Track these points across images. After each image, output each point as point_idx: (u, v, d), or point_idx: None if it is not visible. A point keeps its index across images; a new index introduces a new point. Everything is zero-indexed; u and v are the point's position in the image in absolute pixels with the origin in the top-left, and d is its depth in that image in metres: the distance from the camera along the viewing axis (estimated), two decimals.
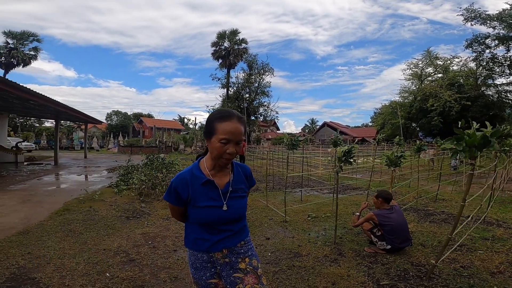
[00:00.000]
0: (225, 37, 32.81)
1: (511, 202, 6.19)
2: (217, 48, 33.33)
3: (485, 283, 2.72)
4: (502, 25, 21.09)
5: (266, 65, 31.17)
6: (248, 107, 31.52)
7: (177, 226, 4.62)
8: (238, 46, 32.72)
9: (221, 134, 1.24)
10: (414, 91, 32.00)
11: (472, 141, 2.01)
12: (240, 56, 32.08)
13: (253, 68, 31.33)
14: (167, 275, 2.97)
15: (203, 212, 1.31)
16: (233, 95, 31.96)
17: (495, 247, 3.62)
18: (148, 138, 41.13)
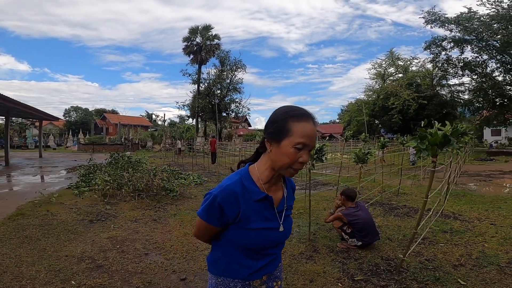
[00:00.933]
0: (198, 32, 32.08)
1: (464, 195, 6.74)
2: (189, 44, 32.50)
3: (449, 276, 2.87)
4: (458, 28, 22.43)
5: (239, 61, 30.98)
6: (219, 104, 31.13)
7: (147, 229, 4.41)
8: (211, 42, 32.17)
9: (298, 137, 0.97)
10: (377, 90, 33.75)
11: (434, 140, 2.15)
12: (212, 52, 31.58)
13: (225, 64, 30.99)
14: (140, 280, 2.82)
15: (255, 235, 1.05)
16: (204, 91, 31.38)
17: (454, 240, 3.85)
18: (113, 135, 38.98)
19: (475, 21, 21.25)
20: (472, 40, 23.00)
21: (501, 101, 24.23)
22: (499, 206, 5.54)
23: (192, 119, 35.34)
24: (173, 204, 5.96)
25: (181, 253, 3.52)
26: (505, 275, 2.84)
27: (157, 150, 27.95)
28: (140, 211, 5.37)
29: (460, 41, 23.55)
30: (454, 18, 22.26)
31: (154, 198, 6.22)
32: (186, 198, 6.61)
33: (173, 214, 5.25)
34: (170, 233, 4.22)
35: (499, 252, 3.41)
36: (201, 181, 9.03)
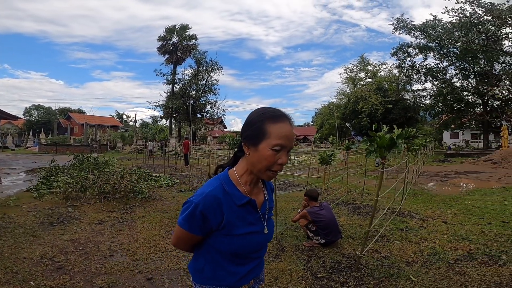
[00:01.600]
0: (174, 32, 31.49)
1: (421, 195, 7.22)
2: (164, 43, 31.79)
3: (403, 272, 3.01)
4: (423, 35, 23.87)
5: (215, 62, 30.81)
6: (194, 105, 30.73)
7: (112, 231, 4.29)
8: (188, 42, 31.71)
9: (275, 139, 0.95)
10: (348, 94, 35.15)
11: (382, 142, 2.35)
12: (189, 52, 31.14)
13: (201, 65, 30.71)
14: (104, 281, 2.77)
15: (240, 241, 1.02)
16: (179, 91, 30.82)
17: (408, 237, 4.04)
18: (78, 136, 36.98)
19: (438, 28, 22.62)
20: (435, 47, 24.66)
21: (459, 106, 26.31)
22: (451, 205, 5.98)
23: (165, 120, 34.53)
24: (141, 206, 5.83)
25: (148, 254, 3.48)
26: (453, 271, 3.00)
27: (128, 151, 26.95)
28: (105, 214, 5.20)
29: (424, 48, 25.11)
30: (420, 25, 23.60)
31: (122, 200, 6.04)
32: (155, 200, 6.48)
33: (141, 216, 5.14)
34: (137, 235, 4.14)
35: (448, 249, 3.60)
36: (173, 183, 8.89)
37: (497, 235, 4.00)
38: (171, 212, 5.44)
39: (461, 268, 3.07)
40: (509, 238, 3.87)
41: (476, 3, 20.36)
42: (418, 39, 24.77)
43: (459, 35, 21.47)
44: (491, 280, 2.76)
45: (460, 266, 3.10)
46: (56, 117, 50.51)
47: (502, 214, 5.13)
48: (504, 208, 5.52)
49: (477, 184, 9.16)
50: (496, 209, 5.46)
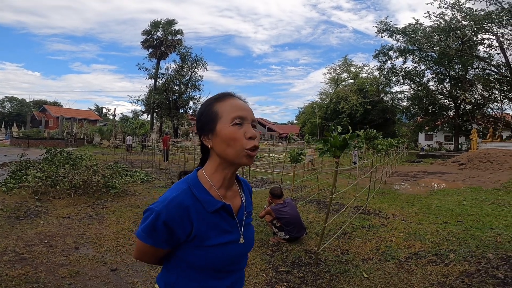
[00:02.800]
0: (160, 26, 30.89)
1: (388, 194, 7.57)
2: (149, 37, 31.14)
3: (357, 268, 3.15)
4: (404, 38, 24.51)
5: (200, 58, 30.54)
6: (177, 100, 30.33)
7: (80, 225, 4.30)
8: (173, 37, 31.20)
9: (230, 113, 0.85)
10: (330, 94, 35.82)
11: (335, 142, 2.54)
12: (174, 47, 30.68)
13: (185, 61, 30.37)
14: (67, 271, 2.83)
15: (215, 253, 0.86)
16: (161, 86, 30.32)
17: (369, 235, 4.20)
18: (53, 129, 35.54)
19: (419, 32, 23.25)
20: (414, 51, 25.48)
21: (433, 109, 27.49)
22: (413, 204, 6.31)
23: (147, 114, 33.91)
24: (113, 201, 5.81)
25: (115, 247, 3.53)
26: (402, 269, 3.14)
27: (106, 146, 26.26)
28: (75, 208, 5.16)
29: (404, 51, 25.88)
30: (402, 28, 24.19)
31: (93, 195, 5.99)
32: (129, 195, 6.46)
33: (113, 210, 5.14)
34: (106, 229, 4.16)
35: (402, 247, 3.76)
36: (149, 179, 8.85)
37: (450, 234, 4.22)
38: (144, 207, 5.42)
39: (410, 266, 3.21)
40: (460, 237, 4.09)
41: (457, 8, 21.10)
42: (399, 42, 25.48)
43: (437, 39, 22.19)
44: (435, 279, 2.89)
45: (410, 264, 3.25)
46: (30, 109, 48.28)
47: (459, 214, 5.44)
48: (462, 208, 5.86)
49: (442, 184, 9.72)
50: (454, 209, 5.79)
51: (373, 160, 6.28)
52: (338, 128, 2.52)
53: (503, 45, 21.22)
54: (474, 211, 5.63)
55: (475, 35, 21.10)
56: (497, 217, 5.15)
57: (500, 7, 19.78)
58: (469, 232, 4.30)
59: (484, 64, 23.82)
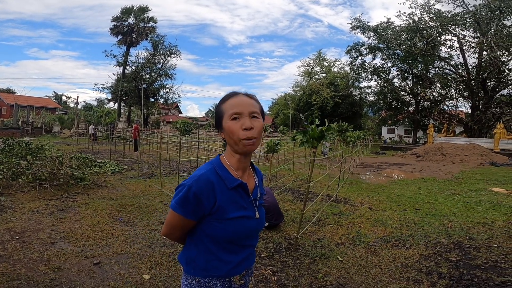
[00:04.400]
0: (132, 13, 29.08)
1: (355, 183, 8.08)
2: (119, 24, 29.21)
3: (332, 252, 3.40)
4: (375, 36, 25.51)
5: (174, 47, 29.44)
6: (147, 88, 29.13)
7: (52, 219, 4.12)
8: (145, 24, 29.62)
9: (229, 109, 1.03)
10: (303, 86, 36.51)
11: (313, 134, 2.74)
12: (145, 35, 29.18)
13: (158, 49, 29.16)
14: (47, 267, 2.76)
15: (233, 225, 1.02)
16: (131, 74, 28.86)
17: (340, 221, 4.50)
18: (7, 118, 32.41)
19: (389, 31, 24.33)
20: (383, 48, 26.72)
21: (396, 104, 29.27)
22: (377, 193, 6.80)
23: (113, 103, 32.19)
24: (84, 194, 5.60)
25: (94, 240, 3.46)
26: (371, 252, 3.43)
27: (67, 135, 24.63)
28: (42, 202, 4.90)
29: (374, 48, 27.03)
30: (374, 26, 25.13)
31: (61, 187, 5.70)
32: (100, 186, 6.25)
33: (84, 203, 4.97)
34: (80, 222, 4.04)
35: (370, 233, 4.06)
36: (120, 169, 8.56)
37: (409, 221, 4.63)
38: (118, 199, 5.34)
39: (377, 250, 3.50)
40: (418, 223, 4.52)
41: (426, 9, 22.31)
42: (370, 39, 26.54)
43: (405, 38, 23.34)
44: (399, 261, 3.19)
45: (377, 248, 3.54)
46: None
47: (416, 202, 5.95)
48: (418, 197, 6.42)
49: (402, 175, 10.55)
50: (412, 198, 6.34)
51: (343, 151, 6.66)
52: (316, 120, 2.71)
53: (463, 46, 23.03)
54: (429, 199, 6.21)
55: (439, 35, 22.48)
56: (448, 205, 5.71)
57: (465, 9, 21.31)
58: (425, 219, 4.76)
59: (444, 64, 25.72)
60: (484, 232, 4.16)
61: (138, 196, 5.70)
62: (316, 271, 2.98)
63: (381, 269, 3.04)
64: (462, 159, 14.51)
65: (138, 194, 5.86)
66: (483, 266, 3.12)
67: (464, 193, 6.92)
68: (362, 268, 3.07)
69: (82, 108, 44.80)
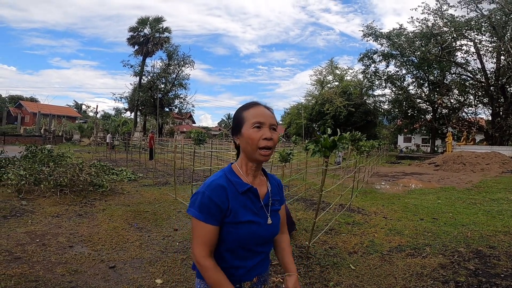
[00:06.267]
0: (147, 23, 30.34)
1: (370, 193, 7.92)
2: (135, 34, 30.53)
3: (344, 261, 3.36)
4: (388, 43, 25.19)
5: (187, 57, 30.30)
6: (162, 98, 29.96)
7: (71, 223, 4.28)
8: (160, 35, 30.75)
9: (252, 118, 1.07)
10: (316, 96, 36.45)
11: (325, 143, 2.75)
12: (160, 45, 30.26)
13: (172, 59, 30.09)
14: (65, 269, 2.87)
15: (245, 228, 1.06)
16: (146, 84, 29.85)
17: (353, 231, 4.46)
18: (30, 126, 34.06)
19: (402, 37, 23.96)
20: (397, 55, 26.28)
21: (412, 113, 28.63)
22: (393, 202, 6.66)
23: (130, 112, 33.24)
24: (102, 200, 5.79)
25: (110, 244, 3.57)
26: (385, 261, 3.38)
27: (86, 144, 25.52)
28: (62, 207, 5.11)
29: (387, 55, 26.59)
30: (386, 33, 24.82)
31: (80, 193, 5.93)
32: (117, 193, 6.44)
33: (102, 209, 5.14)
34: (97, 227, 4.18)
35: (384, 242, 4.01)
36: (136, 177, 8.79)
37: (426, 230, 4.53)
38: (134, 206, 5.49)
39: (391, 259, 3.44)
40: (435, 233, 4.41)
41: (439, 14, 21.92)
42: (383, 46, 26.19)
43: (419, 45, 22.93)
44: (414, 270, 3.14)
45: (391, 257, 3.48)
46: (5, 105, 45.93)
47: (434, 211, 5.80)
48: (436, 207, 6.25)
49: (419, 184, 10.25)
50: (429, 207, 6.18)
51: (357, 161, 6.59)
52: (328, 130, 2.72)
53: (480, 51, 22.41)
54: (448, 209, 6.03)
55: (454, 41, 22.00)
56: (468, 214, 5.54)
57: (480, 13, 20.82)
58: (443, 228, 4.64)
59: (461, 70, 25.02)
60: (505, 241, 4.01)
61: (153, 203, 5.82)
62: (327, 280, 2.94)
63: (395, 278, 2.98)
64: (483, 167, 13.96)
65: (152, 201, 5.99)
66: (503, 274, 3.01)
67: (485, 202, 6.66)
68: (375, 276, 3.01)
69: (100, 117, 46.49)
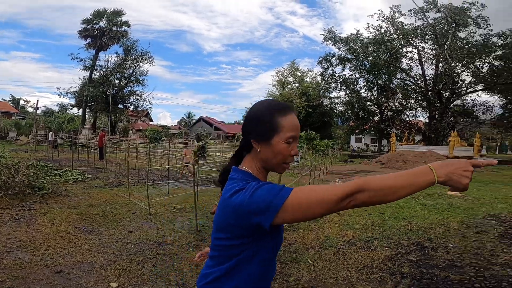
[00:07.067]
0: (104, 16, 27.92)
1: None
2: (89, 27, 27.89)
3: (303, 256, 3.47)
4: (345, 47, 26.70)
5: (147, 52, 28.68)
6: (116, 94, 27.99)
7: (7, 228, 3.86)
8: (118, 28, 28.56)
9: (288, 131, 0.92)
10: (277, 96, 37.15)
11: None
12: (117, 39, 28.11)
13: (130, 54, 28.26)
14: (4, 275, 2.61)
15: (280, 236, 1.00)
16: (98, 79, 27.58)
17: (310, 227, 4.58)
18: None
19: (358, 42, 25.54)
20: (352, 59, 27.99)
21: (363, 114, 30.84)
22: None
23: (78, 109, 30.54)
24: (42, 203, 5.24)
25: (54, 249, 3.28)
26: (339, 255, 3.54)
27: (23, 142, 22.81)
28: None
29: (344, 59, 28.19)
30: (344, 38, 26.31)
31: (17, 196, 5.30)
32: (61, 196, 5.88)
33: (43, 212, 4.66)
34: (38, 232, 3.81)
35: (338, 236, 4.18)
36: (83, 178, 8.10)
37: (373, 224, 4.86)
38: (81, 208, 5.08)
39: (345, 252, 3.62)
40: (381, 226, 4.75)
41: (391, 22, 23.73)
42: (341, 50, 27.72)
43: (371, 50, 24.57)
44: (365, 263, 3.32)
45: (345, 251, 3.65)
46: None
47: (380, 206, 6.06)
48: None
49: None
50: None
51: (312, 160, 6.86)
52: None
53: (422, 58, 24.92)
54: (391, 204, 6.48)
55: (401, 47, 24.07)
56: (408, 208, 6.08)
57: (426, 22, 23.00)
58: (388, 222, 5.02)
59: (405, 75, 27.58)
60: (440, 233, 4.46)
61: (104, 205, 5.44)
62: (288, 275, 3.02)
63: (349, 271, 3.15)
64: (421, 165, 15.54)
65: (103, 203, 5.60)
66: (440, 266, 3.30)
67: (423, 197, 7.41)
68: (332, 270, 3.16)
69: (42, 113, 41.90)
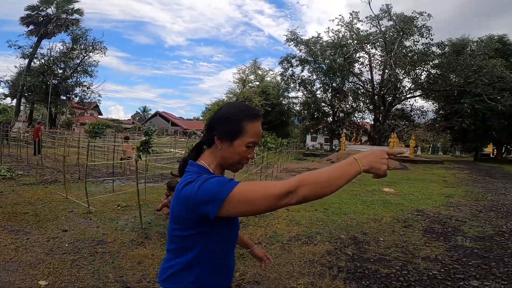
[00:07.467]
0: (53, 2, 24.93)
1: None
2: (34, 13, 24.75)
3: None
4: (306, 49, 27.69)
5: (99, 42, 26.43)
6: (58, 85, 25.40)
7: None
8: (69, 16, 25.82)
9: (250, 136, 0.99)
10: (237, 93, 37.09)
11: None
12: (66, 27, 25.42)
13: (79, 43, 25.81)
14: None
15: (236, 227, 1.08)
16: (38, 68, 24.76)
17: (259, 223, 4.65)
18: None
19: (317, 45, 26.66)
20: (311, 61, 29.12)
21: (317, 115, 32.35)
22: None
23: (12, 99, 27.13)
24: None
25: None
26: (284, 250, 3.65)
27: None
28: None
29: (303, 61, 29.21)
30: (306, 40, 27.23)
31: None
32: None
33: None
34: None
35: (285, 232, 4.29)
36: (13, 175, 7.23)
37: (318, 219, 5.08)
38: (7, 207, 4.59)
39: (290, 247, 3.73)
40: (325, 221, 4.99)
41: (349, 27, 25.10)
42: (301, 52, 28.74)
43: (329, 53, 25.69)
44: (308, 258, 3.45)
45: (290, 246, 3.77)
46: None
47: (326, 202, 6.44)
48: (328, 198, 6.88)
49: None
50: (323, 199, 7.12)
51: (264, 157, 7.00)
52: None
53: (372, 64, 26.89)
54: (336, 200, 6.91)
55: (355, 52, 25.69)
56: (350, 204, 6.50)
57: (378, 29, 24.78)
58: (331, 217, 5.30)
59: (356, 79, 29.58)
60: (374, 227, 4.83)
61: (35, 204, 4.95)
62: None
63: (292, 266, 3.27)
64: None
65: (34, 201, 5.09)
66: (372, 259, 3.54)
67: (363, 193, 8.04)
68: (276, 265, 3.25)
69: None
